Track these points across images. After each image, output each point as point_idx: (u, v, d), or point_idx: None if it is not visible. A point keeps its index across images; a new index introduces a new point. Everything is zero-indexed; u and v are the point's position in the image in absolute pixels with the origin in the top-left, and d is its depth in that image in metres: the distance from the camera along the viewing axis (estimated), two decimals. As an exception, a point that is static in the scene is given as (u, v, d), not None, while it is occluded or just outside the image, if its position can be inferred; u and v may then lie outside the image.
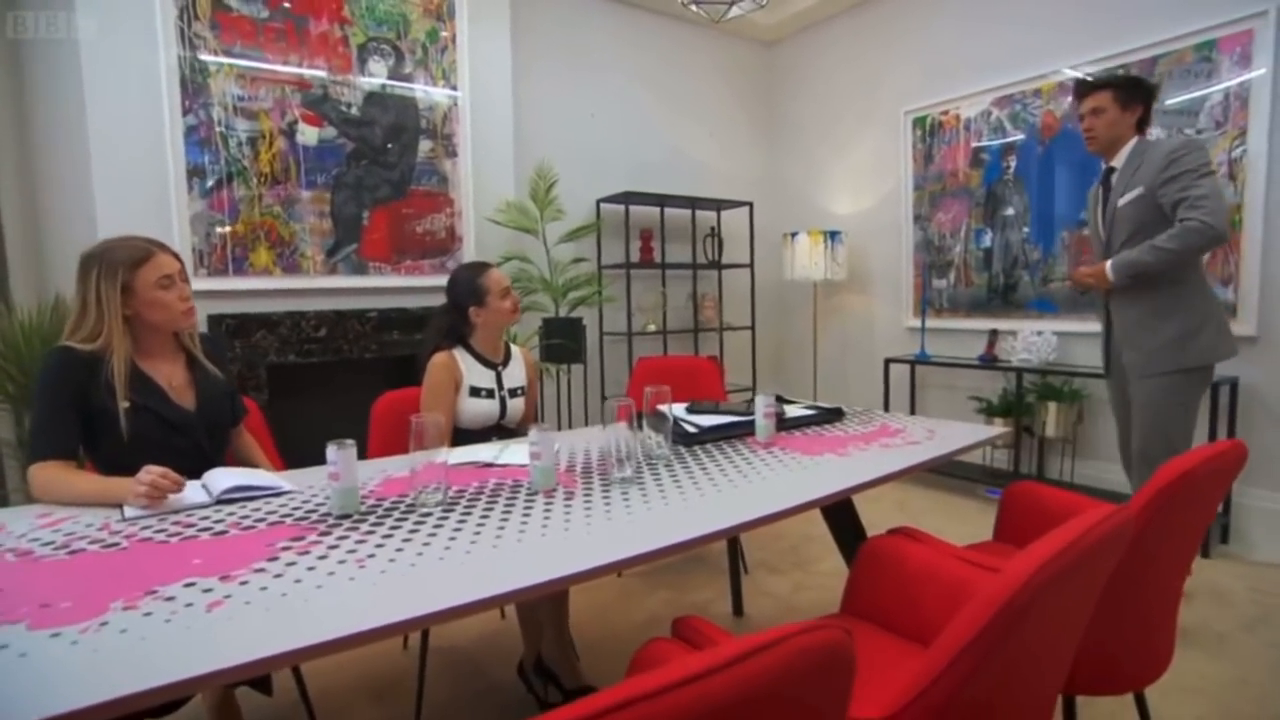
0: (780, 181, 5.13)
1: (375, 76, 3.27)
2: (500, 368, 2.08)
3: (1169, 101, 3.13)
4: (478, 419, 2.00)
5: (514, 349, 2.18)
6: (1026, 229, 3.71)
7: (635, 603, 2.46)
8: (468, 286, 2.03)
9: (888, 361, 4.11)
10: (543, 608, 1.81)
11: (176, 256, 1.57)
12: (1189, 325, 2.19)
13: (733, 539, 2.42)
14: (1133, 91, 2.28)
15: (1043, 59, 3.57)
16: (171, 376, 1.58)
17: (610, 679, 1.96)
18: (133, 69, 2.75)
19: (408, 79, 3.36)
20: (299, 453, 1.87)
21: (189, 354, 1.64)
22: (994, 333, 3.77)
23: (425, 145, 3.43)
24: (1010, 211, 3.79)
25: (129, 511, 1.29)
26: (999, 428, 2.07)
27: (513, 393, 2.08)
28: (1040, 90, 3.60)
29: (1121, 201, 2.27)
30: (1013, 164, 3.76)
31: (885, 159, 4.43)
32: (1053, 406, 3.41)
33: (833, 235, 4.34)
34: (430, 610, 0.89)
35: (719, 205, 4.52)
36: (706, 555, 2.87)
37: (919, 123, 4.20)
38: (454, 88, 3.48)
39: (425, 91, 3.41)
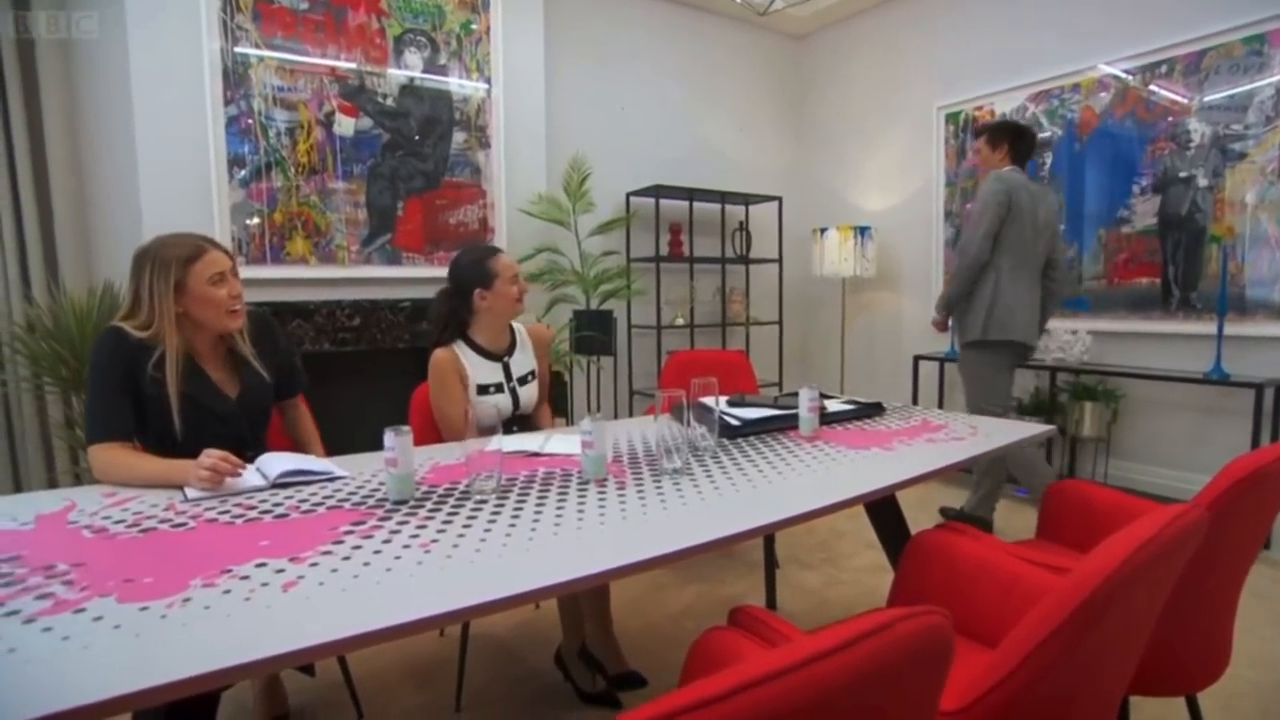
0: (810, 176, 5.09)
1: (411, 68, 3.29)
2: (506, 358, 1.99)
3: (1213, 97, 3.08)
4: (490, 417, 1.89)
5: (518, 330, 2.06)
6: (1062, 227, 3.66)
7: (669, 595, 2.46)
8: (475, 268, 1.91)
9: (917, 359, 4.08)
10: (585, 597, 1.83)
11: (228, 254, 1.58)
12: (972, 315, 2.92)
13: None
14: (996, 134, 2.99)
15: (1082, 54, 3.51)
16: (217, 368, 1.60)
17: (652, 670, 1.97)
18: (178, 61, 2.79)
19: (442, 70, 3.37)
20: (335, 440, 1.89)
21: (233, 346, 1.63)
22: (1026, 331, 3.73)
23: (459, 137, 3.44)
24: (1045, 209, 3.74)
25: (190, 493, 1.32)
26: (1043, 426, 2.05)
27: (523, 380, 2.00)
28: (1080, 85, 3.55)
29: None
30: (1048, 161, 3.71)
31: (916, 155, 4.38)
32: (1087, 406, 3.37)
33: (862, 231, 4.31)
34: (504, 595, 0.90)
35: (748, 200, 4.50)
36: (738, 549, 2.87)
37: (952, 118, 4.16)
38: (487, 79, 3.49)
39: (460, 83, 3.42)
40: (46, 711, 0.64)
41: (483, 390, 1.92)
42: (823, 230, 4.37)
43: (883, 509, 1.82)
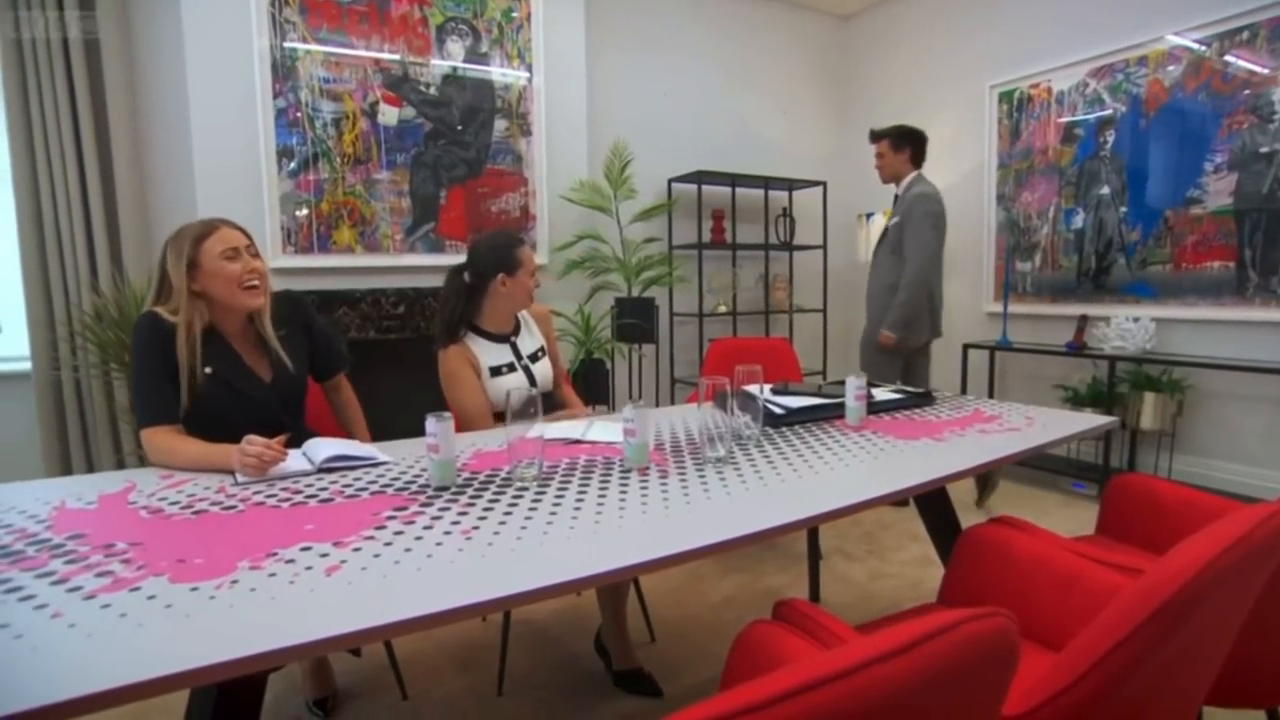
0: (855, 161, 4.95)
1: (452, 57, 3.30)
2: (513, 337, 2.00)
3: (1296, 67, 2.88)
4: (519, 399, 1.87)
5: (521, 312, 2.06)
6: (1124, 209, 3.49)
7: (709, 586, 2.44)
8: (503, 253, 1.91)
9: (966, 347, 3.95)
10: (605, 587, 1.82)
11: (244, 233, 1.59)
12: (919, 323, 3.23)
13: (810, 524, 2.37)
14: (900, 138, 3.19)
15: (1148, 24, 3.32)
16: (249, 350, 1.62)
17: (691, 661, 1.96)
18: (229, 58, 2.86)
19: (484, 58, 3.37)
20: (380, 426, 1.92)
21: (260, 332, 1.64)
22: (1084, 318, 3.57)
23: (500, 125, 3.45)
24: (1105, 190, 3.57)
25: (240, 476, 1.34)
26: (1104, 417, 1.95)
27: (533, 357, 2.01)
28: (1146, 58, 3.36)
29: (891, 222, 3.21)
30: (1110, 139, 3.53)
31: (966, 136, 4.22)
32: (1149, 397, 3.22)
33: (910, 215, 4.17)
34: (544, 584, 0.88)
35: (791, 185, 4.41)
36: (778, 539, 2.82)
37: (1005, 97, 3.99)
38: (528, 67, 3.48)
39: (501, 72, 3.42)
40: (105, 687, 0.65)
41: (496, 372, 1.92)
42: (868, 215, 4.26)
43: (932, 502, 1.76)
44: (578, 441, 1.61)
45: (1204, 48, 3.15)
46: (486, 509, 1.16)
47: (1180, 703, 0.92)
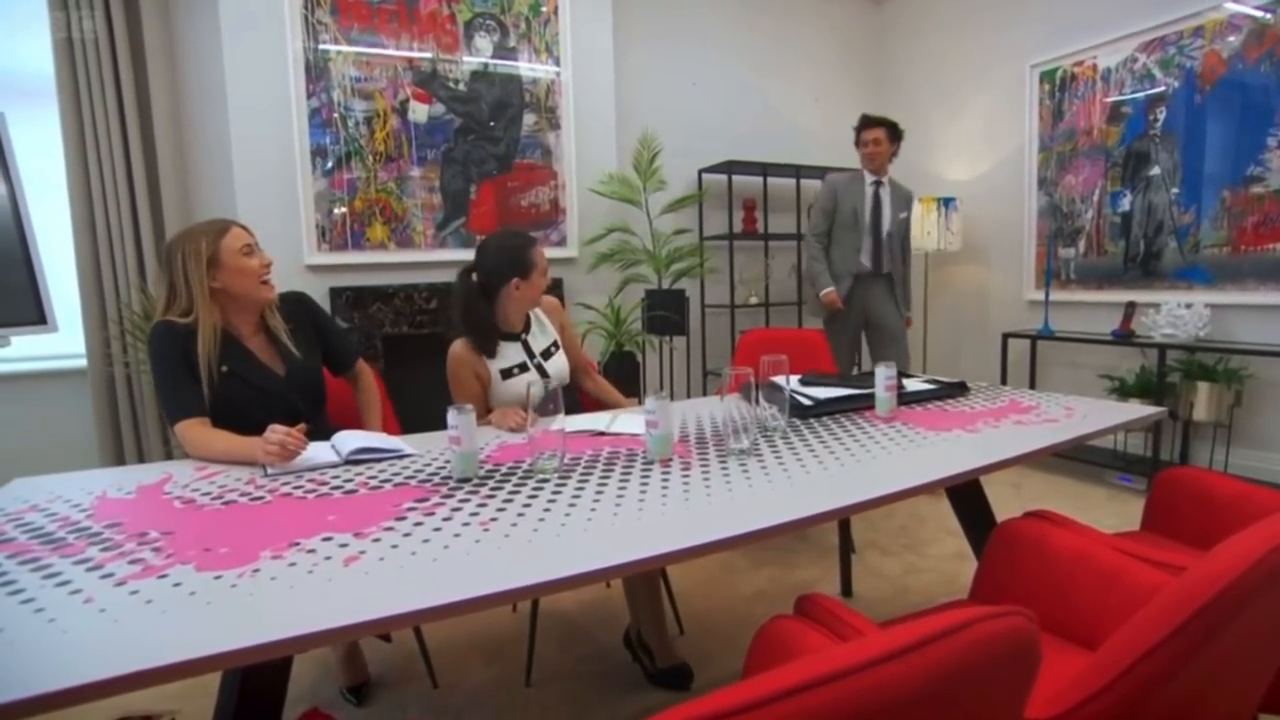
0: (889, 146, 4.84)
1: (481, 52, 3.31)
2: (524, 335, 1.93)
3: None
4: (520, 398, 1.77)
5: (533, 311, 1.98)
6: (1175, 190, 3.33)
7: (741, 578, 2.42)
8: (516, 255, 1.83)
9: (1006, 336, 3.83)
10: (636, 583, 1.80)
11: (248, 230, 1.62)
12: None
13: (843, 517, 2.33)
14: (897, 132, 3.33)
15: (1203, -7, 3.15)
16: (261, 347, 1.65)
17: (719, 654, 1.94)
18: (265, 60, 2.93)
19: (512, 53, 3.38)
20: (413, 419, 1.94)
21: (270, 326, 1.67)
22: (1131, 305, 3.43)
23: (529, 119, 3.45)
24: (1155, 171, 3.41)
25: (270, 468, 1.37)
26: (1150, 408, 1.87)
27: (546, 354, 1.95)
28: (1202, 29, 3.19)
29: (901, 215, 3.40)
30: (1161, 117, 3.37)
31: (1006, 119, 4.08)
32: (1203, 387, 3.07)
33: (946, 203, 4.07)
34: (557, 576, 0.88)
35: (824, 173, 4.31)
36: (811, 532, 2.78)
37: (1047, 77, 3.84)
38: (556, 60, 3.48)
39: (529, 66, 3.42)
40: (125, 671, 0.67)
41: (506, 374, 1.87)
42: (905, 202, 4.14)
43: (965, 494, 1.71)
44: (602, 434, 1.60)
45: (1269, 15, 2.97)
46: (506, 500, 1.16)
47: (1229, 710, 0.87)
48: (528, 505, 1.14)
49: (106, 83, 2.88)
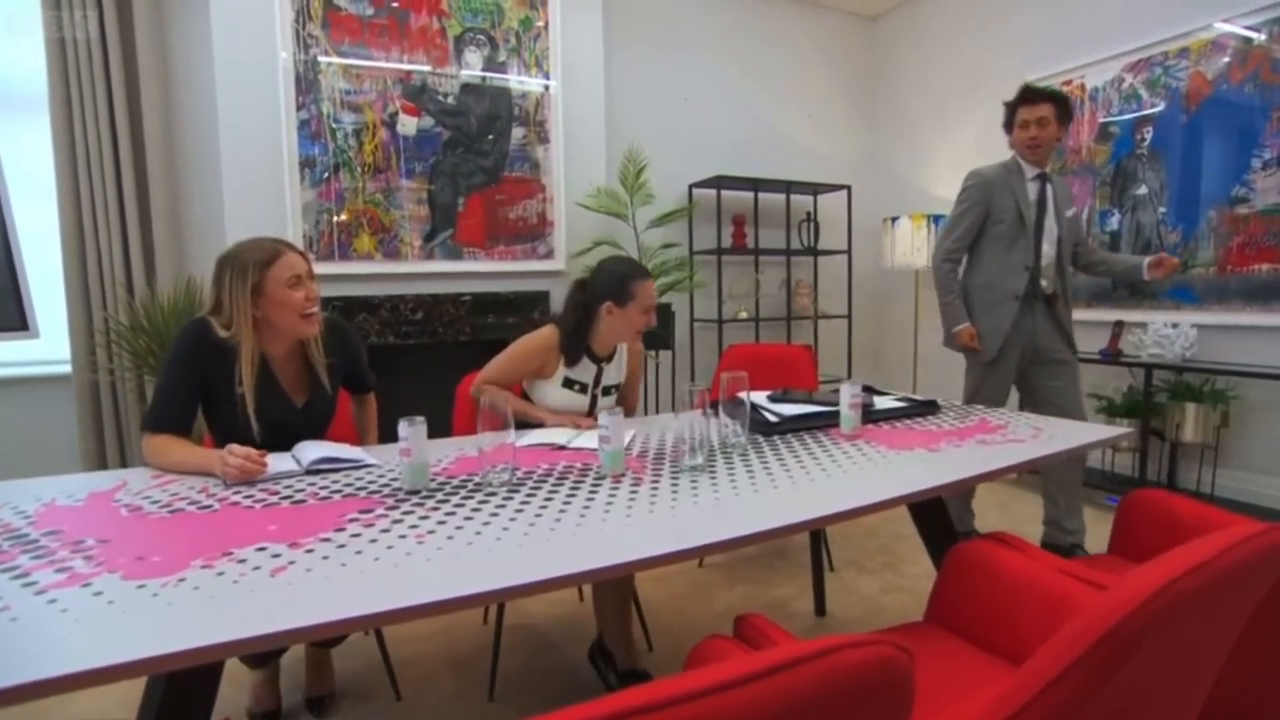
0: (881, 164, 4.86)
1: (471, 66, 3.35)
2: (605, 363, 1.95)
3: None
4: (560, 407, 1.90)
5: (620, 346, 2.00)
6: (1163, 209, 3.33)
7: (715, 595, 2.40)
8: (619, 282, 1.83)
9: (997, 354, 3.81)
10: (607, 588, 1.80)
11: (305, 257, 1.60)
12: None
13: (817, 534, 2.31)
14: (1066, 108, 2.52)
15: (1193, 13, 3.16)
16: (289, 376, 1.63)
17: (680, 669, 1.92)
18: (255, 70, 2.97)
19: (501, 67, 3.42)
20: (396, 431, 1.94)
21: (307, 355, 1.65)
22: (1119, 324, 3.41)
23: (518, 132, 3.48)
24: (1143, 190, 3.41)
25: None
26: (1119, 428, 1.86)
27: (606, 390, 1.97)
28: (1188, 50, 3.20)
29: (1069, 213, 2.62)
30: (1148, 136, 3.37)
31: (996, 137, 4.04)
32: (1190, 408, 3.05)
33: (937, 219, 4.07)
34: (481, 590, 0.88)
35: (815, 189, 4.34)
36: (789, 549, 2.77)
37: (1040, 95, 3.84)
38: (546, 74, 3.51)
39: (519, 80, 3.45)
40: (25, 680, 0.67)
41: (568, 384, 1.91)
42: (894, 219, 4.16)
43: (928, 513, 1.70)
44: (562, 448, 1.60)
45: (1258, 34, 2.97)
46: (449, 514, 1.16)
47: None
48: (469, 518, 1.14)
49: (98, 87, 2.90)
